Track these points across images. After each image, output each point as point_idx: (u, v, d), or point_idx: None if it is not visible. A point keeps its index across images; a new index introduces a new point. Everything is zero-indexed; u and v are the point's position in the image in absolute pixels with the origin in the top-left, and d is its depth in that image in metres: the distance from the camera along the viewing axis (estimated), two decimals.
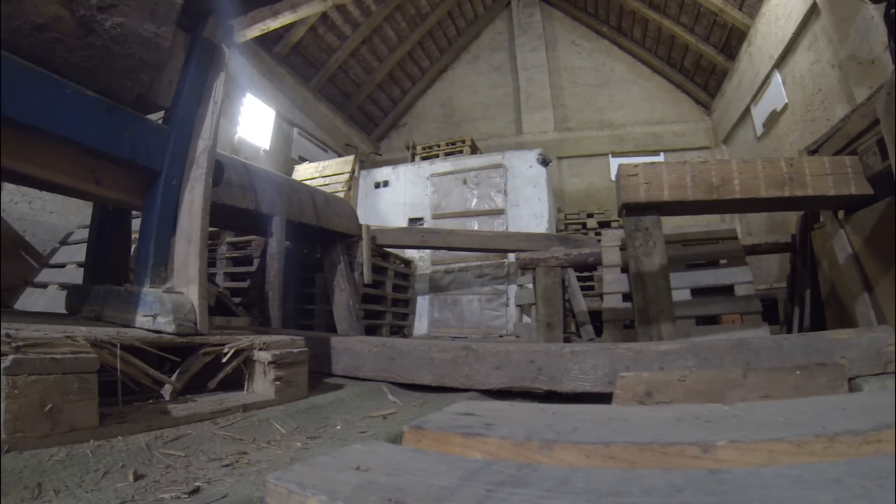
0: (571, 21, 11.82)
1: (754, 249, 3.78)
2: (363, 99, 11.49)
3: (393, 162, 9.17)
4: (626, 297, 3.15)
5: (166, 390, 1.44)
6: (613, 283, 3.29)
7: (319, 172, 7.87)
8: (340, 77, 10.63)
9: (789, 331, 3.13)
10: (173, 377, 1.46)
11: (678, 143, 10.42)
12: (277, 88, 8.87)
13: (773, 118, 7.34)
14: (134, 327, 1.55)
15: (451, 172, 7.91)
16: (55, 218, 4.87)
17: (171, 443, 1.14)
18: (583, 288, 5.39)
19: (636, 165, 2.48)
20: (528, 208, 7.31)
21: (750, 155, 8.18)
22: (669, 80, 10.87)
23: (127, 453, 1.04)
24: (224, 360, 1.58)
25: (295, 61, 9.46)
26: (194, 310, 1.55)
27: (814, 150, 2.63)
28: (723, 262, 3.27)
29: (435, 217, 7.74)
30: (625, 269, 3.17)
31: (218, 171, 1.93)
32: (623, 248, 3.43)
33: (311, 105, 9.96)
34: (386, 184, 8.33)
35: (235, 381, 1.65)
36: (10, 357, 0.96)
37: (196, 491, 0.90)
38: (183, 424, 1.28)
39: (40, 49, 1.32)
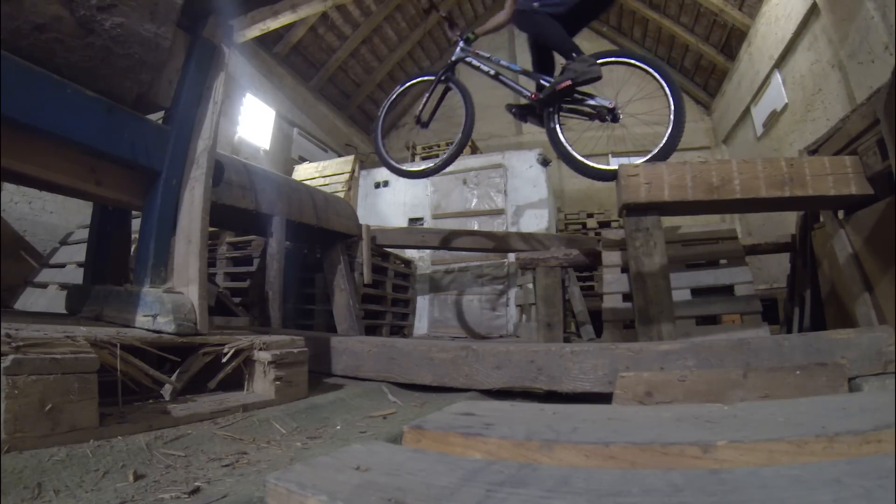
0: None
1: (754, 249, 3.77)
2: (363, 99, 11.48)
3: None
4: (626, 297, 3.15)
5: (166, 390, 1.44)
6: (613, 283, 3.29)
7: (319, 172, 7.86)
8: (340, 77, 10.62)
9: (789, 331, 3.13)
10: (173, 377, 1.46)
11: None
12: (277, 88, 8.86)
13: (773, 118, 7.34)
14: (134, 327, 1.55)
15: (451, 172, 7.89)
16: (55, 218, 4.87)
17: (171, 443, 1.14)
18: (583, 288, 5.39)
19: (637, 165, 2.48)
20: (528, 208, 7.31)
21: (750, 155, 8.17)
22: None
23: (127, 453, 1.04)
24: (224, 360, 1.58)
25: (295, 61, 9.45)
26: (194, 310, 1.55)
27: (814, 150, 2.63)
28: (723, 262, 3.27)
29: (435, 217, 7.73)
30: (625, 269, 3.16)
31: (218, 171, 1.92)
32: (623, 248, 3.42)
33: (311, 105, 9.95)
34: (386, 184, 8.32)
35: (235, 381, 1.65)
36: (10, 357, 0.96)
37: (196, 491, 0.90)
38: (183, 424, 1.27)
39: (40, 49, 1.32)
